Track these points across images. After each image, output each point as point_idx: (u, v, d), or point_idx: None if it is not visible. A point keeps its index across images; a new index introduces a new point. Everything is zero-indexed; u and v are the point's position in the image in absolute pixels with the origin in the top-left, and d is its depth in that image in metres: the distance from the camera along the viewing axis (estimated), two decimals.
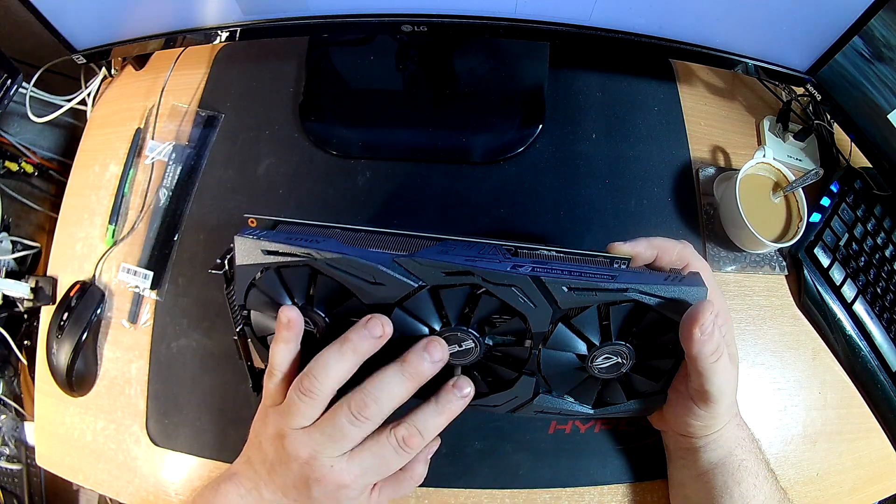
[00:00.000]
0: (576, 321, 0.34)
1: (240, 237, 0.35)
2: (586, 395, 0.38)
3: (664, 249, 0.37)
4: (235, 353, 0.41)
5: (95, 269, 0.53)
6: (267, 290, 0.36)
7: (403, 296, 0.34)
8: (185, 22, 0.50)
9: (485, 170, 0.55)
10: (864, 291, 0.53)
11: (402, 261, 0.33)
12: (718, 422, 0.38)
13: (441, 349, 0.34)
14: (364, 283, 0.34)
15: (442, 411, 0.35)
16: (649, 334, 0.34)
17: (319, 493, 0.34)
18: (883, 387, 0.52)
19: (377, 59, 0.59)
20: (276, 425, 0.35)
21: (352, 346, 0.33)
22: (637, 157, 0.57)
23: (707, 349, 0.32)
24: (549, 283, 0.32)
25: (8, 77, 0.53)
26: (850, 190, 0.57)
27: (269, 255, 0.35)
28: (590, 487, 0.46)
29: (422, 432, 0.34)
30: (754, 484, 0.39)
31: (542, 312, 0.33)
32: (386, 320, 0.34)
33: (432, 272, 0.33)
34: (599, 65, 0.61)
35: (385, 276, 0.33)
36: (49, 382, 0.50)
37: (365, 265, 0.33)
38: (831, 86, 0.52)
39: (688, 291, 0.33)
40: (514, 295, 0.33)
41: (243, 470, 0.37)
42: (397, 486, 0.38)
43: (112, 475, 0.48)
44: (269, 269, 0.35)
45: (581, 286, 0.32)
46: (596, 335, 0.34)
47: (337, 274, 0.34)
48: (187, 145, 0.57)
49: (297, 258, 0.34)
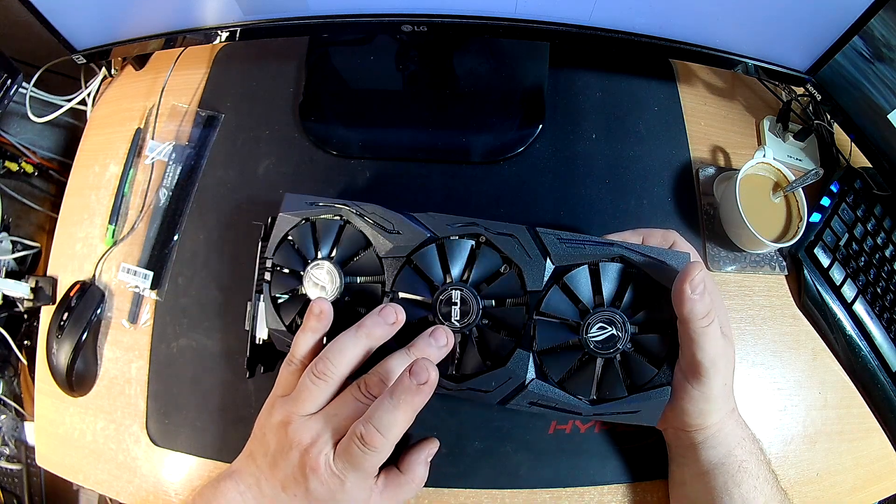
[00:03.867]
0: (568, 280, 0.37)
1: (289, 193, 0.42)
2: (583, 385, 0.37)
3: (649, 234, 0.41)
4: (236, 352, 0.41)
5: (95, 269, 0.53)
6: (298, 240, 0.41)
7: (414, 248, 0.39)
8: (185, 22, 0.50)
9: (485, 170, 0.55)
10: (864, 291, 0.53)
11: (418, 214, 0.40)
12: (713, 406, 0.38)
13: (445, 335, 0.36)
14: (384, 234, 0.39)
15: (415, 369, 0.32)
16: (641, 304, 0.37)
17: (315, 483, 0.33)
18: (883, 387, 0.52)
19: (377, 59, 0.59)
20: (283, 413, 0.35)
21: (366, 332, 0.35)
22: (637, 157, 0.57)
23: (698, 309, 0.34)
24: (542, 235, 0.37)
25: (8, 77, 0.53)
26: (850, 190, 0.57)
27: (311, 206, 0.41)
28: (590, 487, 0.46)
29: (383, 431, 0.32)
30: (754, 486, 0.39)
31: (536, 266, 0.37)
32: (399, 309, 0.36)
33: (442, 224, 0.39)
34: (599, 65, 0.61)
35: (404, 224, 0.39)
36: (49, 382, 0.50)
37: (389, 212, 0.40)
38: (831, 86, 0.52)
39: (671, 254, 0.37)
40: (512, 244, 0.38)
41: (244, 466, 0.37)
42: (398, 489, 0.37)
43: (112, 475, 0.48)
44: (306, 221, 0.41)
45: (572, 239, 0.37)
46: (589, 299, 0.37)
47: (362, 224, 0.40)
48: (187, 145, 0.57)
49: (335, 207, 0.41)
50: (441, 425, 0.46)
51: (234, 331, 0.49)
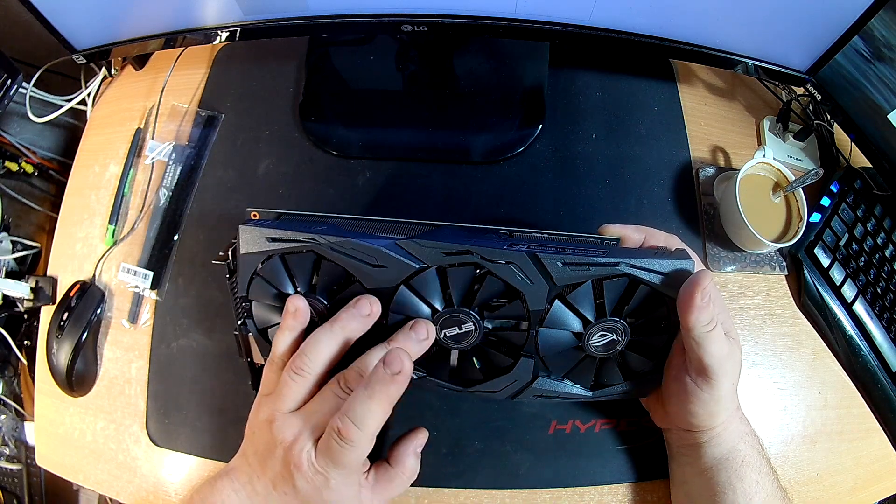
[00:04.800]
0: (571, 297, 0.35)
1: (244, 226, 0.36)
2: (584, 377, 0.39)
3: (652, 234, 0.39)
4: (236, 352, 0.41)
5: (95, 269, 0.53)
6: (270, 278, 0.36)
7: (408, 276, 0.35)
8: (185, 22, 0.50)
9: (485, 170, 0.55)
10: (864, 291, 0.53)
11: (404, 243, 0.34)
12: (721, 407, 0.38)
13: (426, 328, 0.35)
14: (367, 267, 0.35)
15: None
16: (642, 310, 0.36)
17: (301, 481, 0.33)
18: (883, 387, 0.52)
19: (377, 59, 0.59)
20: (267, 411, 0.35)
21: (341, 325, 0.35)
22: (637, 157, 0.57)
23: (703, 317, 0.34)
24: (544, 259, 0.34)
25: (8, 77, 0.53)
26: (850, 190, 0.57)
27: (274, 242, 0.35)
28: (590, 487, 0.46)
29: (358, 423, 0.31)
30: (757, 480, 0.39)
31: (538, 289, 0.35)
32: (374, 300, 0.35)
33: (433, 253, 0.34)
34: (599, 65, 0.61)
35: (387, 258, 0.35)
36: (49, 382, 0.50)
37: (368, 247, 0.34)
38: (831, 86, 0.52)
39: (676, 264, 0.35)
40: (512, 272, 0.34)
41: (239, 464, 0.37)
42: (389, 483, 0.37)
43: (112, 475, 0.48)
44: (273, 257, 0.36)
45: (575, 261, 0.34)
46: (591, 312, 0.36)
47: (340, 258, 0.35)
48: (187, 145, 0.57)
49: (301, 243, 0.35)
50: (441, 425, 0.46)
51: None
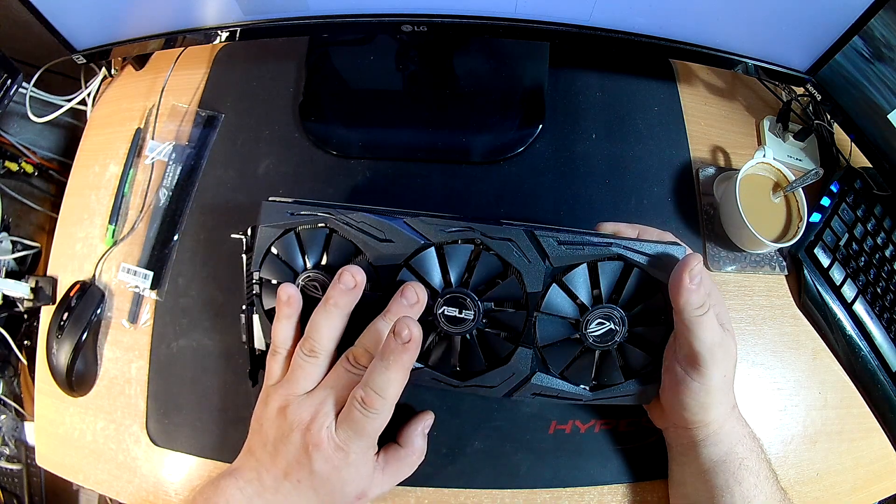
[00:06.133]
0: (567, 280, 0.37)
1: (267, 202, 0.39)
2: (583, 374, 0.39)
3: (645, 231, 0.41)
4: (236, 352, 0.41)
5: (95, 269, 0.53)
6: (283, 253, 0.39)
7: (410, 254, 0.37)
8: (185, 22, 0.50)
9: (485, 170, 0.55)
10: (864, 291, 0.53)
11: (410, 220, 0.38)
12: (713, 399, 0.38)
13: (416, 290, 0.36)
14: (374, 241, 0.38)
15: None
16: (638, 297, 0.38)
17: (319, 461, 0.34)
18: (883, 387, 0.52)
19: (377, 59, 0.59)
20: (279, 398, 0.36)
21: (333, 302, 0.36)
22: (637, 157, 0.57)
23: (694, 299, 0.35)
24: (541, 237, 0.37)
25: (8, 77, 0.53)
26: (850, 190, 0.57)
27: (293, 217, 0.39)
28: (590, 487, 0.46)
29: (381, 392, 0.33)
30: (755, 483, 0.39)
31: (535, 268, 0.37)
32: (356, 269, 0.36)
33: (436, 230, 0.37)
34: (599, 65, 0.61)
35: (395, 232, 0.38)
36: (49, 382, 0.50)
37: (378, 221, 0.38)
38: (831, 86, 0.52)
39: (667, 248, 0.37)
40: (510, 248, 0.37)
41: (244, 463, 0.37)
42: (399, 463, 0.39)
43: (112, 475, 0.48)
44: (289, 231, 0.39)
45: (570, 240, 0.37)
46: (587, 296, 0.38)
47: (351, 232, 0.38)
48: (187, 145, 0.57)
49: (318, 216, 0.38)
50: (441, 425, 0.46)
51: (234, 331, 0.49)
